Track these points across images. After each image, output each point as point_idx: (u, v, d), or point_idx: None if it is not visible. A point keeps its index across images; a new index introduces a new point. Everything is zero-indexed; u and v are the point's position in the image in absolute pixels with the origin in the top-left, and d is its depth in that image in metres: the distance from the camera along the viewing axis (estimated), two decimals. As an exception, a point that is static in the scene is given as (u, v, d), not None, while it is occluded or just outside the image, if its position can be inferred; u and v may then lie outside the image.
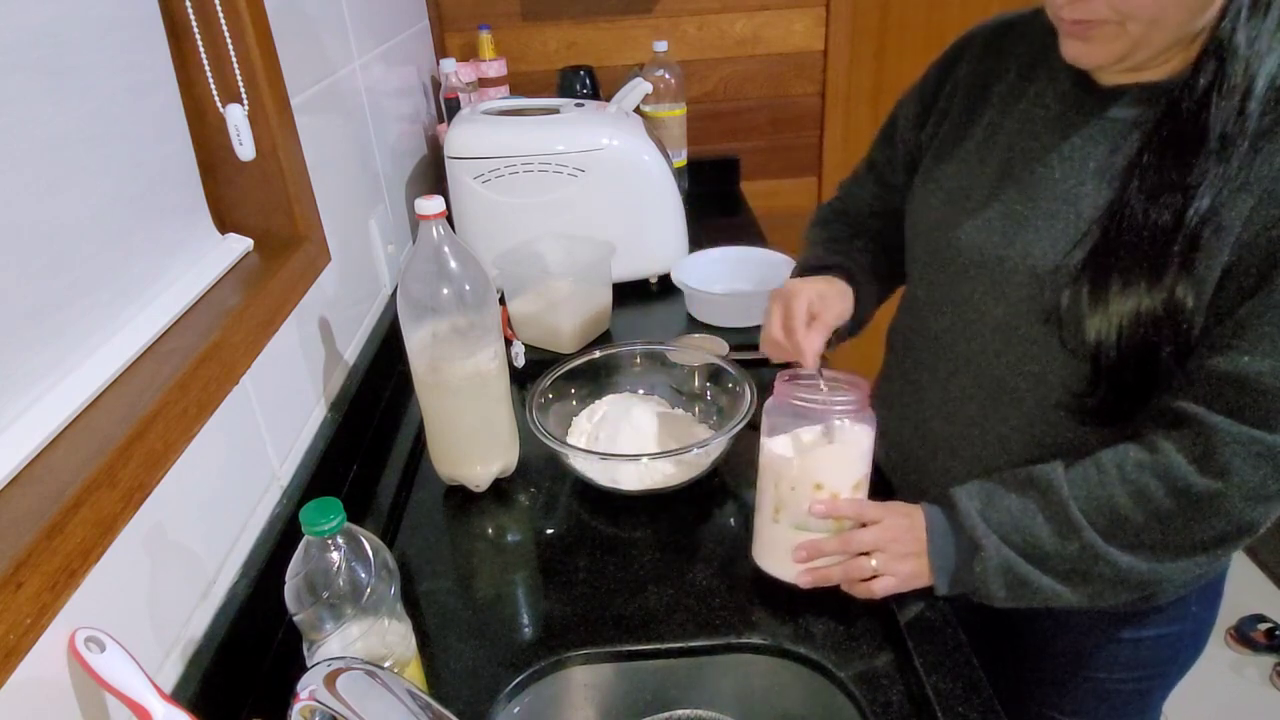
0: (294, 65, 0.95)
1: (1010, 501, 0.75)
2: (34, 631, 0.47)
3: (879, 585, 0.78)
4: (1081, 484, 0.73)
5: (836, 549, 0.79)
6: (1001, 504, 0.76)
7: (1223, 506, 0.68)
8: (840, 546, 0.79)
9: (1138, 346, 0.71)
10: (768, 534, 0.83)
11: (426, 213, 0.86)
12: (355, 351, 1.14)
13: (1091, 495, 0.72)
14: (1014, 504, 0.75)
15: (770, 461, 0.81)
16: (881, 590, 0.78)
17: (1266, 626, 2.06)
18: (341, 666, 0.51)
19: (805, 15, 1.98)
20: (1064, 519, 0.73)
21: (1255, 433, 0.66)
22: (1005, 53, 0.86)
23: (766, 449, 0.82)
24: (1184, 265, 0.68)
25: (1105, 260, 0.71)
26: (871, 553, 0.78)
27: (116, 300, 0.69)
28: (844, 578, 0.79)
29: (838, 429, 0.80)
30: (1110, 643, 0.89)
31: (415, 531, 0.97)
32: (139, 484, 0.58)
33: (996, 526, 0.75)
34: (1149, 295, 0.69)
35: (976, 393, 0.84)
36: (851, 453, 0.80)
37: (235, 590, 0.74)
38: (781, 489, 0.80)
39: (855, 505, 0.80)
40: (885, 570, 0.78)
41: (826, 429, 0.80)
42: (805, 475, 0.79)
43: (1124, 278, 0.70)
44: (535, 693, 0.78)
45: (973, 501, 0.77)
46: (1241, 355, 0.66)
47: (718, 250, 1.47)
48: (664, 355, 1.15)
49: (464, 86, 1.70)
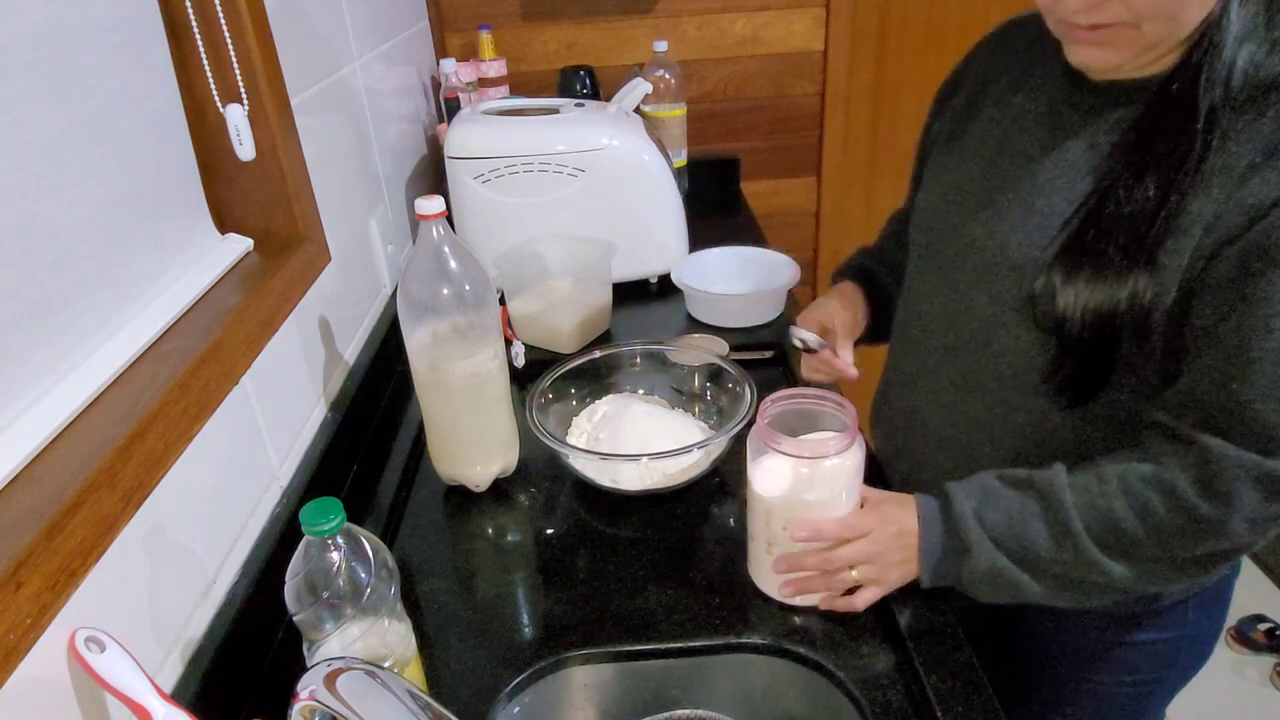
0: (294, 65, 0.95)
1: (1008, 502, 0.75)
2: (34, 631, 0.47)
3: (861, 599, 0.78)
4: (1083, 491, 0.73)
5: (815, 565, 0.78)
6: (999, 504, 0.76)
7: (1224, 529, 0.68)
8: (820, 564, 0.78)
9: (1100, 332, 0.71)
10: (762, 560, 0.82)
11: (426, 213, 0.86)
12: (355, 351, 1.14)
13: (1093, 504, 0.72)
14: (1012, 505, 0.75)
15: (760, 500, 0.80)
16: (864, 604, 0.78)
17: (1266, 626, 2.06)
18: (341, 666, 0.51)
19: (805, 15, 1.98)
20: (1062, 526, 0.72)
21: (1254, 457, 0.66)
22: (1008, 51, 0.88)
23: (754, 484, 0.80)
24: (1150, 260, 0.68)
25: (1078, 250, 0.72)
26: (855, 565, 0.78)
27: (116, 300, 0.69)
28: (824, 590, 0.79)
29: (825, 467, 0.77)
30: (1109, 647, 0.89)
31: (415, 531, 0.97)
32: (139, 484, 0.58)
33: (991, 528, 0.75)
34: (1113, 287, 0.70)
35: (963, 382, 0.85)
36: (839, 485, 0.78)
37: (235, 590, 0.74)
38: (773, 527, 0.79)
39: (839, 526, 0.78)
40: (870, 580, 0.78)
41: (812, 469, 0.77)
42: (795, 514, 0.78)
43: (1093, 268, 0.71)
44: (535, 693, 0.78)
45: (969, 500, 0.76)
46: (1231, 383, 0.66)
47: (718, 250, 1.47)
48: (664, 355, 1.15)
49: (464, 86, 1.70)
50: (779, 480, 0.78)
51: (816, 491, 0.77)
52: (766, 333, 1.33)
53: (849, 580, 0.78)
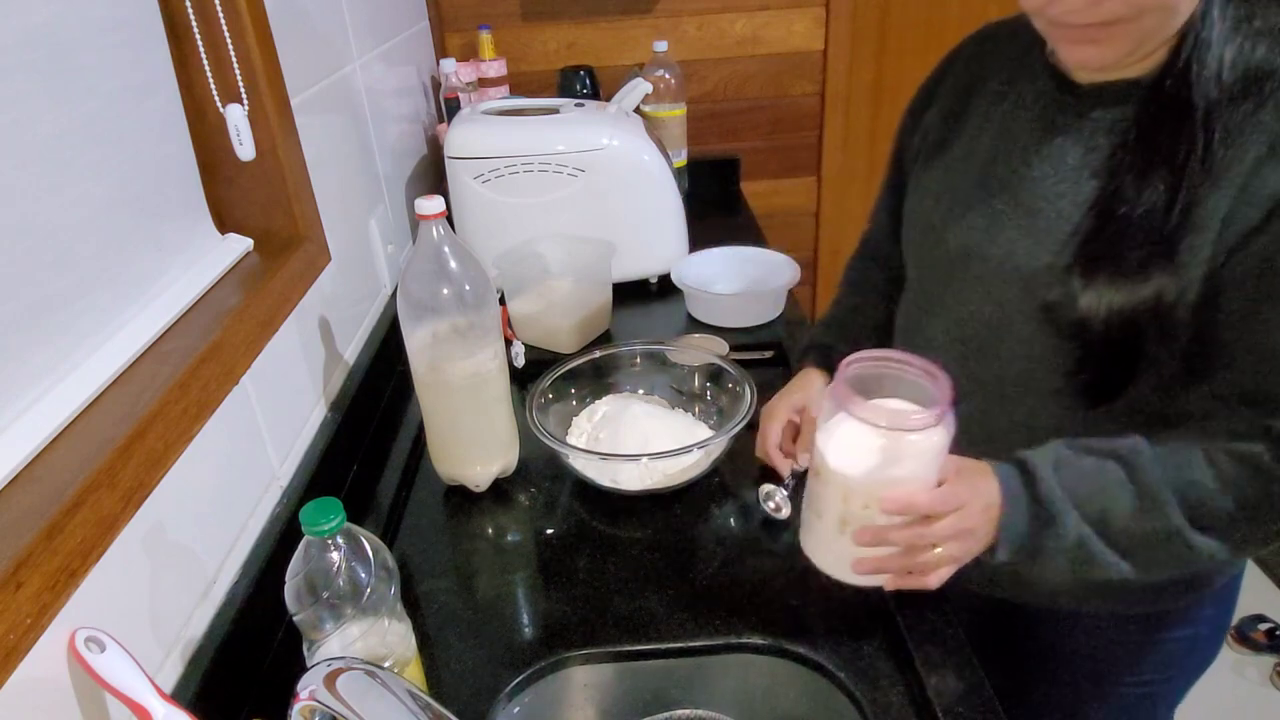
0: (294, 65, 0.95)
1: (1089, 470, 0.72)
2: (34, 631, 0.47)
3: (935, 577, 0.72)
4: (1169, 462, 0.71)
5: (903, 540, 0.70)
6: (1076, 471, 0.72)
7: None
8: (909, 539, 0.70)
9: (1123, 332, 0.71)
10: (831, 542, 0.75)
11: (426, 213, 0.86)
12: (355, 351, 1.14)
13: (1180, 476, 0.70)
14: (1090, 473, 0.72)
15: (835, 475, 0.72)
16: (938, 582, 0.72)
17: (1266, 626, 2.06)
18: (341, 666, 0.51)
19: (805, 15, 1.98)
20: (1151, 496, 0.70)
21: None
22: (987, 60, 0.88)
23: (828, 457, 0.72)
24: (1168, 257, 0.68)
25: (1095, 254, 0.72)
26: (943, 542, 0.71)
27: (116, 300, 0.69)
28: (903, 569, 0.72)
29: (912, 441, 0.69)
30: (1124, 646, 0.89)
31: (415, 531, 0.97)
32: (139, 484, 0.58)
33: (1073, 497, 0.71)
34: (1135, 288, 0.69)
35: (973, 392, 0.84)
36: (930, 461, 0.70)
37: (235, 590, 0.74)
38: (851, 505, 0.71)
39: (935, 499, 0.70)
40: (953, 558, 0.72)
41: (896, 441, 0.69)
42: (878, 492, 0.70)
43: (1112, 271, 0.70)
44: (535, 693, 0.78)
45: (1052, 469, 0.72)
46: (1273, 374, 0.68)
47: (718, 250, 1.47)
48: (664, 355, 1.15)
49: (464, 86, 1.70)
50: (861, 454, 0.70)
51: (904, 467, 0.70)
52: (766, 333, 1.33)
53: (932, 559, 0.71)
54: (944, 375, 0.70)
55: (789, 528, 0.92)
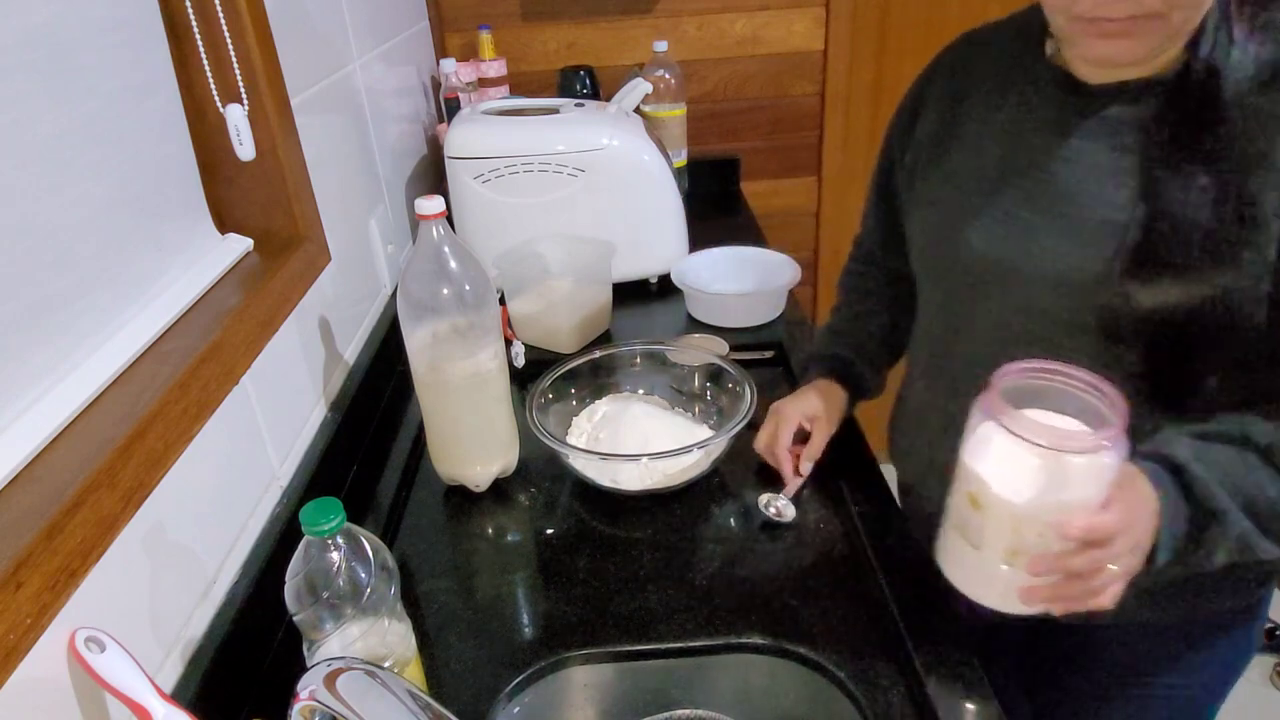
0: (294, 65, 0.95)
1: (1222, 459, 0.70)
2: (34, 631, 0.47)
3: (1109, 596, 0.67)
4: None
5: (1083, 567, 0.65)
6: (1213, 462, 0.69)
7: None
8: (1088, 564, 0.65)
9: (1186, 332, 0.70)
10: (993, 573, 0.69)
11: (426, 213, 0.86)
12: (355, 351, 1.14)
13: None
14: (1226, 462, 0.70)
15: (1002, 504, 0.66)
16: (1111, 601, 0.67)
17: (1267, 626, 2.06)
18: (341, 666, 0.51)
19: (805, 15, 1.98)
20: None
21: None
22: (973, 67, 0.86)
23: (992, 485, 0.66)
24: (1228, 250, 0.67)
25: (1150, 257, 0.70)
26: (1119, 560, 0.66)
27: (116, 300, 0.69)
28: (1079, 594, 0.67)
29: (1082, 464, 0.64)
30: (1168, 656, 0.88)
31: (415, 531, 0.97)
32: (139, 484, 0.58)
33: (1226, 489, 0.68)
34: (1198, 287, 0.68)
35: None
36: (1101, 484, 0.65)
37: (235, 590, 0.74)
38: (1025, 535, 0.66)
39: (1115, 521, 0.64)
40: (1122, 573, 0.67)
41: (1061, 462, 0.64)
42: (1049, 518, 0.64)
43: (1174, 273, 0.69)
44: (535, 693, 0.78)
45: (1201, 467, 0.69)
46: None
47: (718, 250, 1.47)
48: (664, 355, 1.15)
49: (464, 86, 1.70)
50: (1026, 478, 0.65)
51: (1075, 490, 0.64)
52: (767, 333, 1.33)
53: (1107, 577, 0.66)
54: (1112, 389, 0.65)
55: (790, 528, 0.93)
